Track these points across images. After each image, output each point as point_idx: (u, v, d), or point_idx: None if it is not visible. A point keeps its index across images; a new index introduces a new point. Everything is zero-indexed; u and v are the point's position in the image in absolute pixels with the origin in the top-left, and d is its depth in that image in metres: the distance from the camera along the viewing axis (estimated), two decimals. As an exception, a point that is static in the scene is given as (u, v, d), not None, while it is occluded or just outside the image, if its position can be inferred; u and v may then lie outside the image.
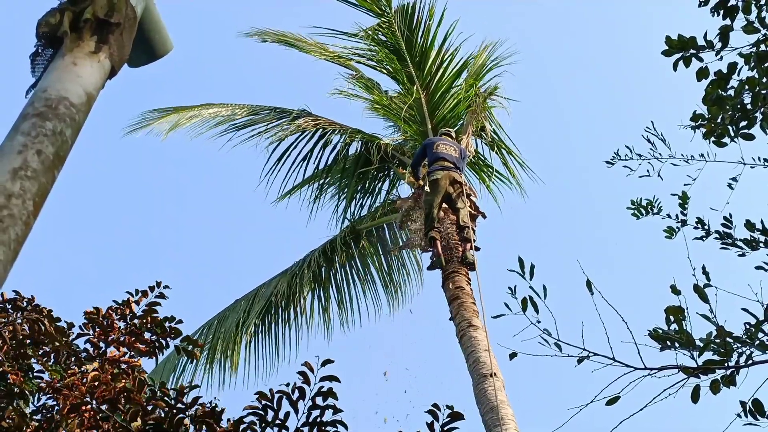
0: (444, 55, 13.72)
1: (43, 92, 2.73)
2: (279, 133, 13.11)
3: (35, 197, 2.43)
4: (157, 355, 6.89)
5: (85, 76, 2.79)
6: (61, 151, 2.58)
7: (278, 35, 13.91)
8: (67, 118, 2.65)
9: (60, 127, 2.62)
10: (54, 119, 2.63)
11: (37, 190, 2.45)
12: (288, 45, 13.88)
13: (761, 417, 5.01)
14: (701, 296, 5.27)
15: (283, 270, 13.17)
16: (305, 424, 5.74)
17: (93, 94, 2.78)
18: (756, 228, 6.01)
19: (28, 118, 2.63)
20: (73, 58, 2.81)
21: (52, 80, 2.77)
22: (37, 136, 2.56)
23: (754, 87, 5.86)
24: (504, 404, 8.87)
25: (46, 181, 2.50)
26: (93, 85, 2.79)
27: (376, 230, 13.16)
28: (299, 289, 12.52)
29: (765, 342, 5.20)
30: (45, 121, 2.62)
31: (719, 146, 6.14)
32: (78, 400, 5.91)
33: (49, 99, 2.69)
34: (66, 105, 2.69)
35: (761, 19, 5.81)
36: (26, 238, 2.37)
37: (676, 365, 5.22)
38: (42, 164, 2.49)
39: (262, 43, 13.84)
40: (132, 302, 6.90)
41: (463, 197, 11.34)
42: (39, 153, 2.52)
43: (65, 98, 2.71)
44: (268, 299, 12.60)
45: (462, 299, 10.32)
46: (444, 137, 12.09)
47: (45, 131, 2.59)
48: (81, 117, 2.69)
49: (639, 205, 6.75)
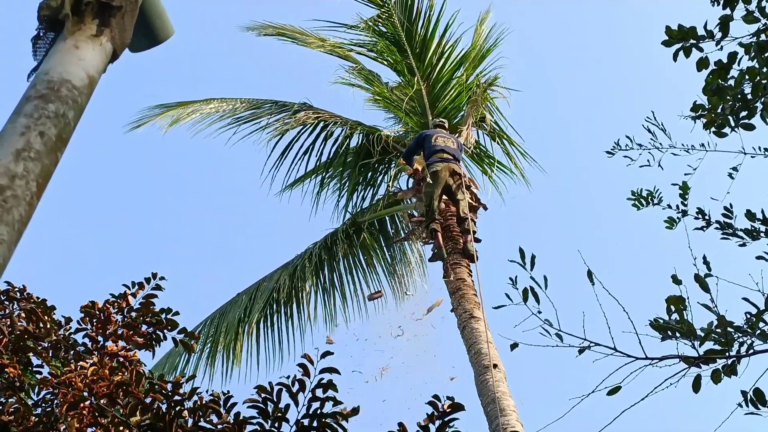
0: (444, 47, 13.72)
1: (45, 75, 2.73)
2: (280, 126, 13.11)
3: (38, 178, 2.44)
4: (155, 347, 6.88)
5: (86, 59, 2.79)
6: (64, 133, 2.58)
7: (278, 28, 13.91)
8: (69, 100, 2.66)
9: (62, 109, 2.62)
10: (56, 101, 2.63)
11: (40, 171, 2.45)
12: (288, 38, 13.88)
13: (762, 406, 5.02)
14: (702, 286, 5.27)
15: (285, 263, 13.17)
16: (305, 416, 5.73)
17: (95, 76, 2.78)
18: (756, 218, 6.01)
19: (31, 100, 2.63)
20: (74, 41, 2.81)
21: (54, 63, 2.76)
22: (40, 118, 2.57)
23: (755, 77, 5.86)
24: (505, 395, 8.88)
25: (49, 163, 2.50)
26: (95, 67, 2.79)
27: (378, 222, 13.15)
28: (301, 283, 12.51)
29: (766, 331, 5.20)
30: (47, 104, 2.62)
31: (719, 136, 6.15)
32: (77, 397, 5.89)
33: (52, 81, 2.69)
34: (68, 87, 2.69)
35: (761, 8, 5.80)
36: (30, 218, 2.37)
37: (677, 355, 5.23)
38: (45, 146, 2.50)
39: (262, 37, 13.86)
40: (129, 294, 6.88)
41: (462, 188, 11.36)
42: (42, 135, 2.52)
43: (67, 81, 2.71)
44: (270, 293, 12.59)
45: (463, 291, 10.34)
46: (439, 129, 12.11)
47: (47, 113, 2.59)
48: (83, 99, 2.70)
49: (639, 195, 6.75)
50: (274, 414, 5.74)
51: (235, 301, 12.96)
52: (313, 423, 5.77)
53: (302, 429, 5.77)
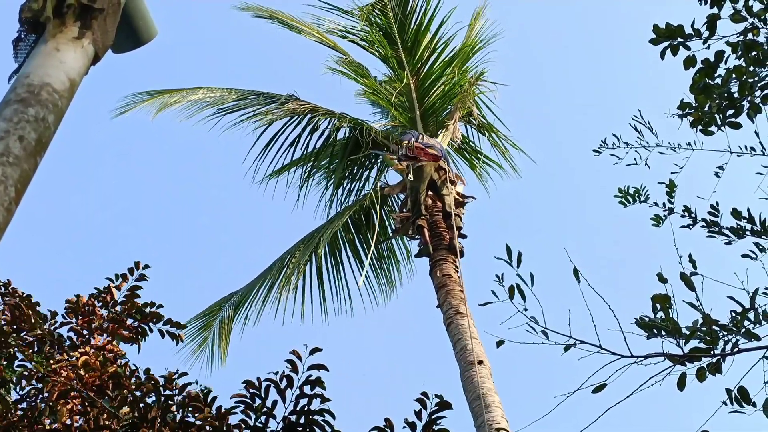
0: (437, 43, 13.67)
1: (25, 78, 2.71)
2: (267, 117, 12.98)
3: (17, 183, 2.42)
4: (140, 341, 6.86)
5: (68, 61, 2.77)
6: (44, 137, 2.56)
7: (271, 12, 13.79)
8: (49, 104, 2.64)
9: (42, 113, 2.60)
10: (36, 105, 2.61)
11: (19, 176, 2.43)
12: (280, 23, 13.78)
13: (746, 404, 5.04)
14: (688, 284, 5.29)
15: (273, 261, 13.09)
16: (292, 413, 5.74)
17: (76, 80, 2.76)
18: (742, 216, 6.03)
19: (11, 104, 2.61)
20: (56, 44, 2.79)
21: (35, 66, 2.74)
22: (19, 122, 2.54)
23: (741, 76, 5.88)
24: (491, 392, 8.90)
25: (28, 168, 2.48)
26: (76, 70, 2.77)
27: (365, 217, 13.09)
28: (288, 280, 12.46)
29: (751, 330, 5.22)
30: (27, 107, 2.60)
31: (706, 135, 6.16)
32: (66, 387, 5.88)
33: (32, 85, 2.67)
34: (49, 91, 2.67)
35: (748, 7, 5.81)
36: (8, 224, 2.35)
37: (662, 353, 5.25)
38: (24, 150, 2.48)
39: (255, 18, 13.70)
40: (113, 288, 6.85)
41: (447, 184, 11.35)
42: (21, 139, 2.50)
43: (48, 84, 2.69)
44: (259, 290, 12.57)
45: (449, 287, 10.34)
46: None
47: (27, 117, 2.57)
48: (64, 103, 2.67)
49: (626, 193, 6.76)
50: (261, 410, 5.74)
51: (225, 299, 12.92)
52: (300, 419, 5.77)
53: (289, 425, 5.77)
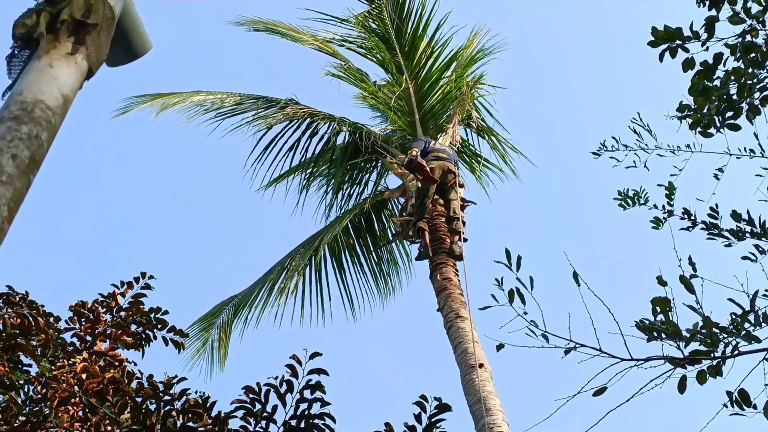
0: (434, 46, 13.64)
1: (18, 95, 2.70)
2: (267, 121, 12.98)
3: (10, 202, 2.41)
4: (144, 347, 6.88)
5: (61, 77, 2.77)
6: (37, 155, 2.56)
7: (267, 24, 13.80)
8: (42, 121, 2.63)
9: (36, 130, 2.59)
10: (30, 123, 2.61)
11: (12, 195, 2.42)
12: (277, 34, 13.78)
13: (747, 407, 5.04)
14: (687, 287, 5.29)
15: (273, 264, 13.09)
16: (293, 417, 5.75)
17: (69, 96, 2.75)
18: (742, 218, 6.02)
19: (4, 121, 2.61)
20: (49, 60, 2.78)
21: (28, 82, 2.74)
22: (12, 140, 2.54)
23: (740, 78, 5.87)
24: (491, 395, 8.89)
25: (21, 186, 2.47)
26: (69, 86, 2.76)
27: (365, 221, 13.09)
28: (288, 283, 12.44)
29: (751, 332, 5.22)
30: (20, 125, 2.59)
31: (705, 137, 6.16)
32: (67, 393, 5.90)
33: (25, 102, 2.67)
34: (42, 108, 2.67)
35: (747, 9, 5.81)
36: (1, 243, 2.35)
37: (662, 356, 5.24)
38: (17, 168, 2.47)
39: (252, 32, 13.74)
40: (117, 294, 6.88)
41: (456, 188, 11.34)
42: (14, 157, 2.50)
43: (41, 101, 2.68)
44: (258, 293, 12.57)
45: (450, 290, 10.33)
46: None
47: (20, 135, 2.56)
48: (57, 120, 2.67)
49: (626, 195, 6.76)
50: (261, 414, 5.75)
51: (226, 303, 12.92)
52: (301, 424, 5.78)
53: (290, 430, 5.78)
